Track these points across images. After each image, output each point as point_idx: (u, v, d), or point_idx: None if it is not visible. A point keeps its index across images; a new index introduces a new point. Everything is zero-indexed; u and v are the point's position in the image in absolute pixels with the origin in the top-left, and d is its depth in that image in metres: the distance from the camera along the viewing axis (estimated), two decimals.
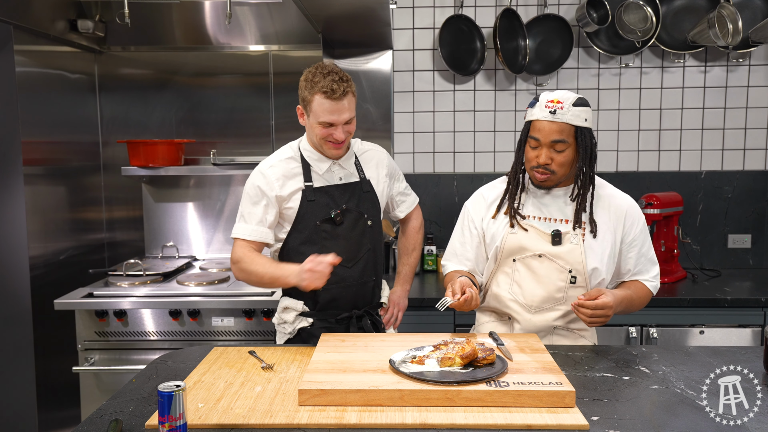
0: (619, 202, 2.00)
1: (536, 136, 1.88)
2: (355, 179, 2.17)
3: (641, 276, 2.01)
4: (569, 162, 1.90)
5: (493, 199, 2.05)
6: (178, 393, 1.28)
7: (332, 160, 2.13)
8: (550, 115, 1.85)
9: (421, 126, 3.41)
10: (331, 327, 2.13)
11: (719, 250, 3.40)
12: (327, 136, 2.02)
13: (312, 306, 2.15)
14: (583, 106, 1.87)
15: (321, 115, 1.98)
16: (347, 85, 1.99)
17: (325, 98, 1.95)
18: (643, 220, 2.01)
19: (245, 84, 3.31)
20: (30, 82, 2.74)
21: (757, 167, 3.37)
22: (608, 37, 3.30)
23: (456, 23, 3.30)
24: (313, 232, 2.10)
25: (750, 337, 2.82)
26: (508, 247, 1.96)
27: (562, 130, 1.85)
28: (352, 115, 2.02)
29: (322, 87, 1.95)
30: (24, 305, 2.64)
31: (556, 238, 1.93)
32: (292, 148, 2.16)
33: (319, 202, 2.10)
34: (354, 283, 2.14)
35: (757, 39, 3.12)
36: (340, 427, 1.37)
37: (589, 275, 1.92)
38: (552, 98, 1.87)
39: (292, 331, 2.16)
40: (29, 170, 2.70)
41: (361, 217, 2.14)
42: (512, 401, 1.44)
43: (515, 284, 1.98)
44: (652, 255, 2.02)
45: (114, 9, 2.95)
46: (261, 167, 2.12)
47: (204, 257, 3.31)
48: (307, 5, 2.59)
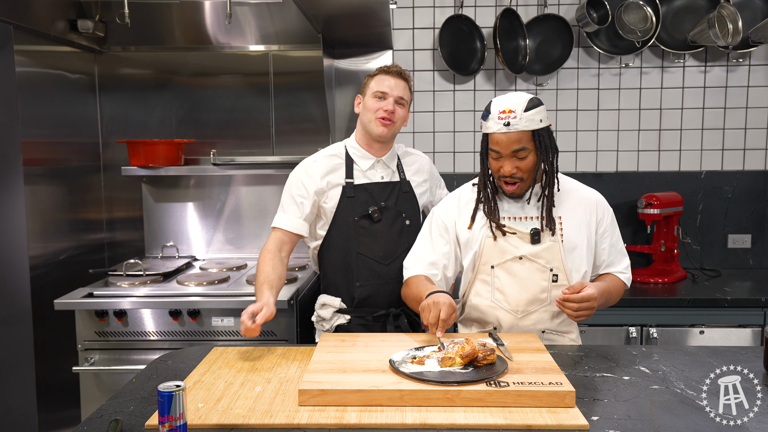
0: (588, 194, 2.02)
1: (495, 148, 1.87)
2: (396, 179, 2.24)
3: (613, 268, 2.03)
4: (533, 165, 1.89)
5: (466, 202, 2.02)
6: (178, 393, 1.28)
7: (376, 158, 2.21)
8: (505, 127, 1.83)
9: (421, 126, 3.41)
10: (368, 324, 2.17)
11: (719, 250, 3.39)
12: (378, 110, 2.13)
13: (349, 303, 2.18)
14: (535, 108, 1.84)
15: (375, 86, 2.15)
16: (404, 72, 2.20)
17: (382, 74, 2.17)
18: (611, 211, 2.03)
19: (245, 84, 3.31)
20: (30, 82, 2.73)
21: (757, 167, 3.37)
22: (608, 37, 3.30)
23: (456, 23, 3.30)
24: (351, 228, 2.16)
25: (750, 337, 2.82)
26: (488, 253, 1.94)
27: (519, 139, 1.84)
28: (404, 97, 2.17)
29: (381, 68, 2.19)
30: (24, 305, 2.64)
31: (535, 237, 1.92)
32: (338, 146, 2.26)
33: (359, 198, 2.17)
34: (390, 281, 2.19)
35: (757, 39, 3.12)
36: (340, 427, 1.37)
37: (570, 271, 1.92)
38: (503, 108, 1.84)
39: (329, 328, 2.20)
40: (29, 170, 2.70)
41: (399, 215, 2.19)
42: (512, 401, 1.44)
43: (497, 291, 1.95)
44: (622, 246, 2.05)
45: (114, 9, 2.94)
46: (305, 161, 2.23)
47: (204, 257, 3.31)
48: (307, 5, 2.59)
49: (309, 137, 3.21)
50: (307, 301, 2.69)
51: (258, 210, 3.28)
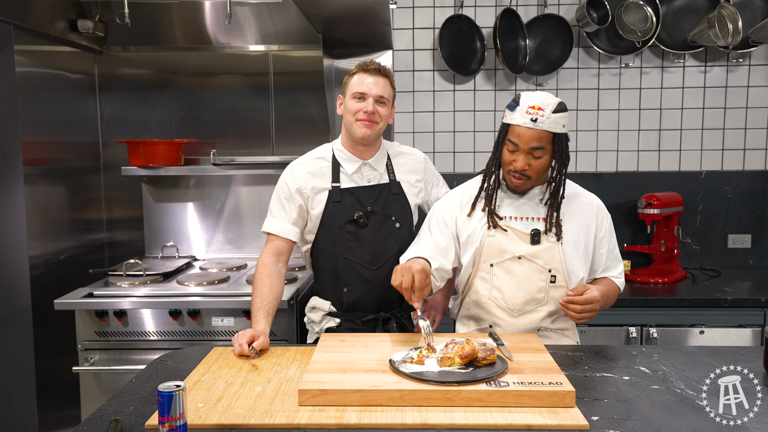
0: (589, 199, 2.04)
1: (515, 141, 1.87)
2: (385, 181, 2.20)
3: (609, 273, 2.05)
4: (545, 167, 1.91)
5: (468, 199, 2.03)
6: (178, 393, 1.28)
7: (362, 160, 2.16)
8: (531, 122, 1.84)
9: (421, 126, 3.41)
10: (357, 328, 2.15)
11: (719, 250, 3.39)
12: (357, 111, 2.07)
13: (338, 307, 2.17)
14: (562, 112, 1.86)
15: (355, 87, 2.08)
16: (385, 68, 2.11)
17: (360, 72, 2.09)
18: (610, 217, 2.05)
19: (245, 84, 3.31)
20: (30, 82, 2.73)
21: (757, 167, 3.37)
22: (608, 37, 3.30)
23: (456, 23, 3.30)
24: (338, 233, 2.13)
25: (750, 337, 2.82)
26: (487, 251, 1.94)
27: (540, 138, 1.85)
28: (384, 95, 2.09)
29: (360, 65, 2.11)
30: (24, 305, 2.64)
31: (535, 238, 1.92)
32: (325, 149, 2.22)
33: (345, 203, 2.13)
34: (379, 286, 2.15)
35: (757, 39, 3.12)
36: (340, 427, 1.37)
37: (569, 273, 1.93)
38: (533, 104, 1.84)
39: (319, 330, 2.19)
40: (29, 170, 2.70)
41: (388, 219, 2.16)
42: (512, 401, 1.44)
43: (494, 289, 1.96)
44: (618, 252, 2.07)
45: (114, 9, 2.94)
46: (291, 165, 2.20)
47: (204, 257, 3.31)
48: (307, 5, 2.59)
49: (309, 137, 3.20)
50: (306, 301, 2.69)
51: (258, 210, 3.28)
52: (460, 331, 2.09)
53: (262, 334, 1.86)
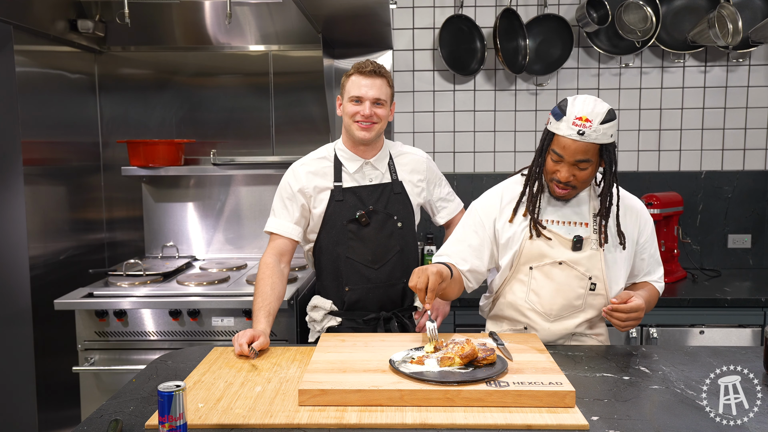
0: (633, 203, 1.96)
1: (560, 152, 1.78)
2: (387, 180, 2.20)
3: (650, 277, 2.00)
4: (591, 177, 1.84)
5: (509, 200, 1.95)
6: (178, 393, 1.28)
7: (364, 160, 2.17)
8: (578, 135, 1.74)
9: (421, 126, 3.41)
10: (359, 327, 2.16)
11: (719, 250, 3.40)
12: (355, 114, 2.08)
13: (340, 306, 2.17)
14: (611, 122, 1.76)
15: (351, 90, 2.08)
16: (380, 68, 2.10)
17: (356, 74, 2.09)
18: (652, 221, 1.99)
19: (245, 84, 3.31)
20: (30, 82, 2.73)
21: (757, 167, 3.37)
22: (608, 37, 3.30)
23: (456, 23, 3.30)
24: (340, 232, 2.14)
25: (750, 337, 2.82)
26: (527, 254, 1.89)
27: (587, 150, 1.76)
28: (382, 97, 2.09)
29: (356, 67, 2.11)
30: (24, 305, 2.64)
31: (577, 244, 1.87)
32: (327, 149, 2.23)
33: (347, 202, 2.14)
34: (381, 285, 2.16)
35: (757, 39, 3.12)
36: (340, 427, 1.37)
37: (609, 281, 1.88)
38: (581, 114, 1.74)
39: (321, 329, 2.19)
40: (29, 170, 2.70)
41: (390, 218, 2.16)
42: (512, 401, 1.44)
43: (532, 292, 1.92)
44: (659, 256, 2.01)
45: (114, 9, 2.94)
46: (293, 165, 2.21)
47: (204, 257, 3.31)
48: (307, 5, 2.59)
49: (309, 137, 3.21)
50: (307, 301, 2.68)
51: (258, 210, 3.28)
52: (491, 330, 2.04)
53: (262, 335, 1.86)
